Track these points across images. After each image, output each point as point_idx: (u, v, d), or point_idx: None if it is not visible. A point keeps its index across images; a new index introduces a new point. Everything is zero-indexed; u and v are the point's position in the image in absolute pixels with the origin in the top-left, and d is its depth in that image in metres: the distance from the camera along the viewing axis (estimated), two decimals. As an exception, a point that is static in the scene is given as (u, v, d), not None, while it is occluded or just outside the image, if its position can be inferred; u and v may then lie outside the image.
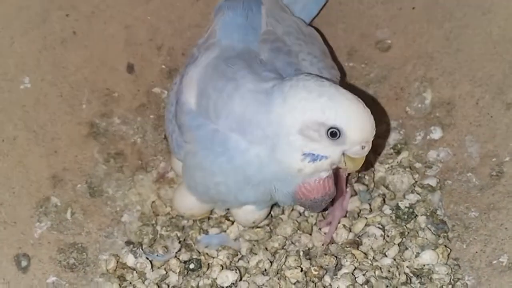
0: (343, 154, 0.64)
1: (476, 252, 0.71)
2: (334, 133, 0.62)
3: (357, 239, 0.74)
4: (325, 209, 0.77)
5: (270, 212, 0.77)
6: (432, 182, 0.78)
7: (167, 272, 0.74)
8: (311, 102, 0.62)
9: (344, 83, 0.83)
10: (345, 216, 0.77)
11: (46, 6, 0.81)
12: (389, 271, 0.70)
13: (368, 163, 0.81)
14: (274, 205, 0.78)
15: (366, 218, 0.75)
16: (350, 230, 0.75)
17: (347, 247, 0.73)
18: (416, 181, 0.79)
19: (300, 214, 0.79)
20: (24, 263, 0.72)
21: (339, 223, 0.76)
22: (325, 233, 0.76)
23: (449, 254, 0.73)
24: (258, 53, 0.71)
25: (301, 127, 0.62)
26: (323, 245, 0.74)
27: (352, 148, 0.63)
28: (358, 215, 0.77)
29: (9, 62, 0.79)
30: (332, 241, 0.75)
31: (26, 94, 0.79)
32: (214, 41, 0.74)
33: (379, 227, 0.74)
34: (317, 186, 0.65)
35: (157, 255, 0.75)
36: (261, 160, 0.65)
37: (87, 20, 0.83)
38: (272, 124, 0.63)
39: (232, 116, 0.65)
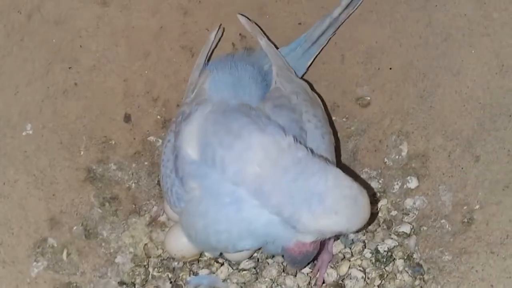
0: None
1: (450, 293, 0.76)
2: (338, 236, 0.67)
3: (341, 282, 0.78)
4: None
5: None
6: (408, 228, 0.82)
7: (158, 311, 0.77)
8: (340, 217, 0.64)
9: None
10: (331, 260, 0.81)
11: (50, 59, 0.85)
12: (369, 311, 0.74)
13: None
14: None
15: (349, 260, 0.79)
16: (337, 273, 0.79)
17: (331, 288, 0.77)
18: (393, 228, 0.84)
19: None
20: (21, 301, 0.75)
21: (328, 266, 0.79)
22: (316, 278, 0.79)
23: (425, 295, 0.77)
24: (257, 108, 0.72)
25: (318, 232, 0.66)
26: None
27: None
28: (342, 259, 0.81)
29: (13, 110, 0.83)
30: (324, 282, 0.78)
31: (28, 140, 0.83)
32: (205, 98, 0.77)
33: (360, 270, 0.78)
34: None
35: (149, 295, 0.79)
36: (271, 219, 0.67)
37: (88, 72, 0.88)
38: (293, 211, 0.65)
39: (246, 177, 0.66)
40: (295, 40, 0.87)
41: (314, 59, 0.89)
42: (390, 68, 0.89)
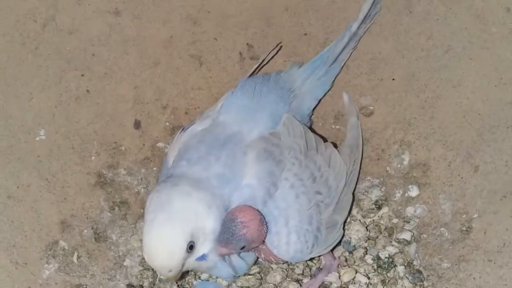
0: None
1: (448, 299, 0.78)
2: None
3: (344, 285, 0.80)
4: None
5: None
6: (408, 236, 0.84)
7: (165, 313, 0.80)
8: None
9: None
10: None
11: (63, 66, 0.88)
12: (370, 314, 0.77)
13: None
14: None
15: (354, 268, 0.81)
16: (340, 278, 0.81)
17: (334, 294, 0.79)
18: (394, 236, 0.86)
19: (288, 264, 0.85)
20: (33, 301, 0.77)
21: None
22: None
23: (424, 301, 0.79)
24: (245, 151, 0.74)
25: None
26: None
27: None
28: (344, 266, 0.83)
29: (27, 116, 0.86)
30: None
31: (41, 145, 0.85)
32: (212, 114, 0.80)
33: (364, 275, 0.80)
34: (253, 216, 0.71)
35: (156, 297, 0.81)
36: None
37: (100, 80, 0.90)
38: None
39: None
40: (317, 57, 0.88)
41: (338, 74, 0.90)
42: (393, 79, 0.91)
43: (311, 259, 0.83)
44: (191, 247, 0.70)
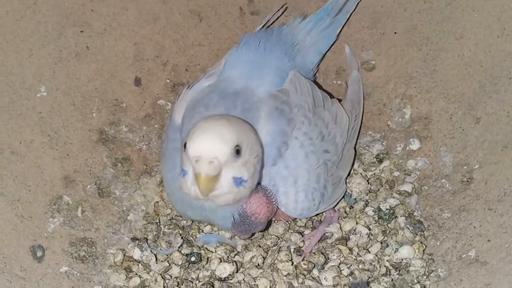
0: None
1: (448, 248, 0.78)
2: (184, 145, 0.66)
3: (345, 235, 0.81)
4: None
5: None
6: (409, 187, 0.85)
7: (170, 265, 0.80)
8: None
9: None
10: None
11: (62, 22, 0.87)
12: (371, 264, 0.77)
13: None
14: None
15: (355, 218, 0.82)
16: (341, 229, 0.82)
17: (336, 244, 0.80)
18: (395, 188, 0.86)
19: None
20: (39, 254, 0.78)
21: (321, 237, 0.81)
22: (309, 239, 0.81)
23: (424, 249, 0.79)
24: (258, 106, 0.73)
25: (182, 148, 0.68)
26: (303, 256, 0.79)
27: (193, 163, 0.65)
28: (346, 215, 0.84)
29: (27, 72, 0.85)
30: (327, 238, 0.81)
31: (42, 101, 0.85)
32: (217, 71, 0.79)
33: (365, 226, 0.81)
34: (260, 202, 0.72)
35: (160, 249, 0.81)
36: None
37: (100, 36, 0.89)
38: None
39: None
40: (321, 8, 0.87)
41: (343, 26, 0.90)
42: (395, 33, 0.90)
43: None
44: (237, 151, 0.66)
